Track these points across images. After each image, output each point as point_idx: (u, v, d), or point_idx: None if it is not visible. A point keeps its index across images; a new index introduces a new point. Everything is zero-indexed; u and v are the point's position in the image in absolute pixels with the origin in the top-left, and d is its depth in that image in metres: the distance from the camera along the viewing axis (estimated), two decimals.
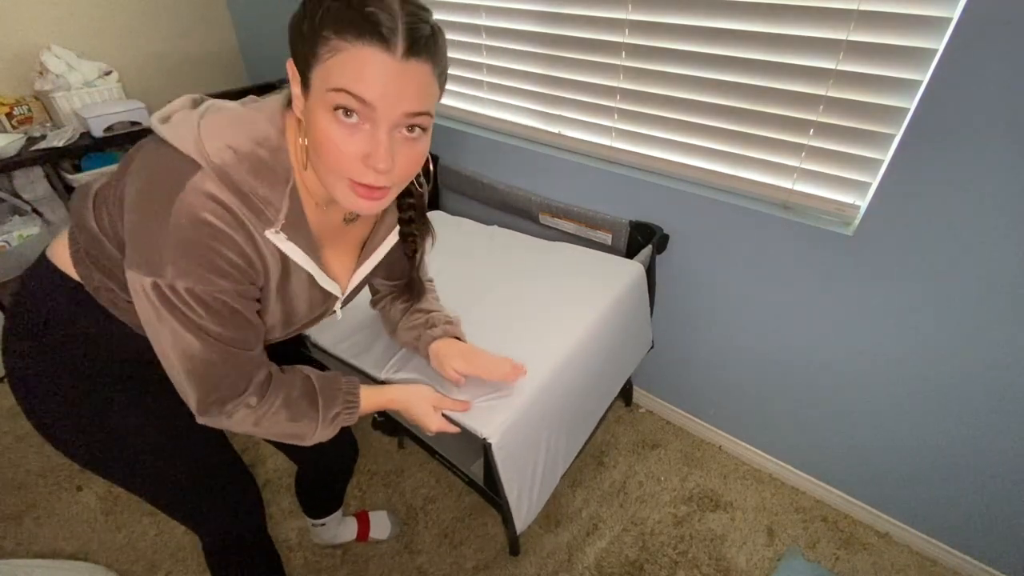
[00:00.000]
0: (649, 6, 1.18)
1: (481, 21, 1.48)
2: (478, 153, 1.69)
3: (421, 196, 0.80)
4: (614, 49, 1.27)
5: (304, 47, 0.54)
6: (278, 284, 0.67)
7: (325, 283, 0.74)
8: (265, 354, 0.72)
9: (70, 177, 1.82)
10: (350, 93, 0.52)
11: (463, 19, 1.52)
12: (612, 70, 1.30)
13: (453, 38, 1.55)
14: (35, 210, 1.81)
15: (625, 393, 1.76)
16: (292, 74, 0.59)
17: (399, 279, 0.97)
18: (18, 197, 1.80)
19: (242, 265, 0.60)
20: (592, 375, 1.21)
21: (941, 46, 0.89)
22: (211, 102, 0.64)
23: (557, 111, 1.47)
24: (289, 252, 0.65)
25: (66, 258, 0.69)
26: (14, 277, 1.71)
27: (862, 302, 1.17)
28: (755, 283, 1.31)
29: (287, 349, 1.01)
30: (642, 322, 1.43)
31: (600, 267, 1.36)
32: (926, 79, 0.92)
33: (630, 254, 1.42)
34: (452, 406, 0.92)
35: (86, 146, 1.81)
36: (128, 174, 0.61)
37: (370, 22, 0.51)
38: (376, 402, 0.86)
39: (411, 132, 0.58)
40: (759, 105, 1.13)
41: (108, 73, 1.95)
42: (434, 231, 0.86)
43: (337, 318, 0.84)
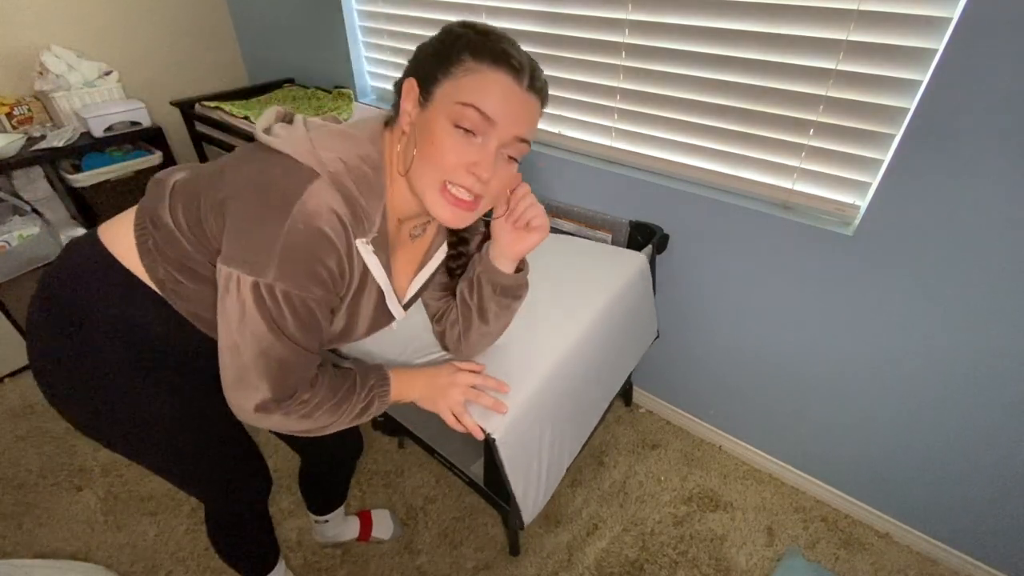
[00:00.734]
0: (649, 6, 1.18)
1: (481, 21, 1.48)
2: None
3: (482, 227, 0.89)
4: (614, 49, 1.27)
5: (435, 65, 0.63)
6: (351, 298, 0.72)
7: (392, 304, 0.78)
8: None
9: (70, 177, 1.82)
10: (477, 108, 0.61)
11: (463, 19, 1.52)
12: (612, 70, 1.30)
13: None
14: (35, 210, 1.81)
15: (625, 393, 1.76)
16: (408, 90, 0.66)
17: (447, 293, 0.97)
18: (18, 197, 1.80)
19: (336, 275, 0.65)
20: (597, 365, 1.20)
21: (941, 46, 0.89)
22: (302, 117, 0.70)
23: (557, 111, 1.47)
24: (371, 266, 0.70)
25: (127, 248, 0.70)
26: (14, 277, 1.71)
27: (862, 302, 1.17)
28: (755, 283, 1.31)
29: None
30: (647, 312, 1.42)
31: (604, 258, 1.35)
32: (926, 79, 0.92)
33: None
34: (489, 403, 0.88)
35: (86, 146, 1.82)
36: (229, 175, 0.64)
37: (506, 54, 0.61)
38: (404, 394, 0.85)
39: (510, 157, 0.66)
40: (759, 105, 1.13)
41: (108, 73, 1.95)
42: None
43: (393, 329, 0.86)
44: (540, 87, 0.65)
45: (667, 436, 1.69)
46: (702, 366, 1.55)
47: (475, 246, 0.90)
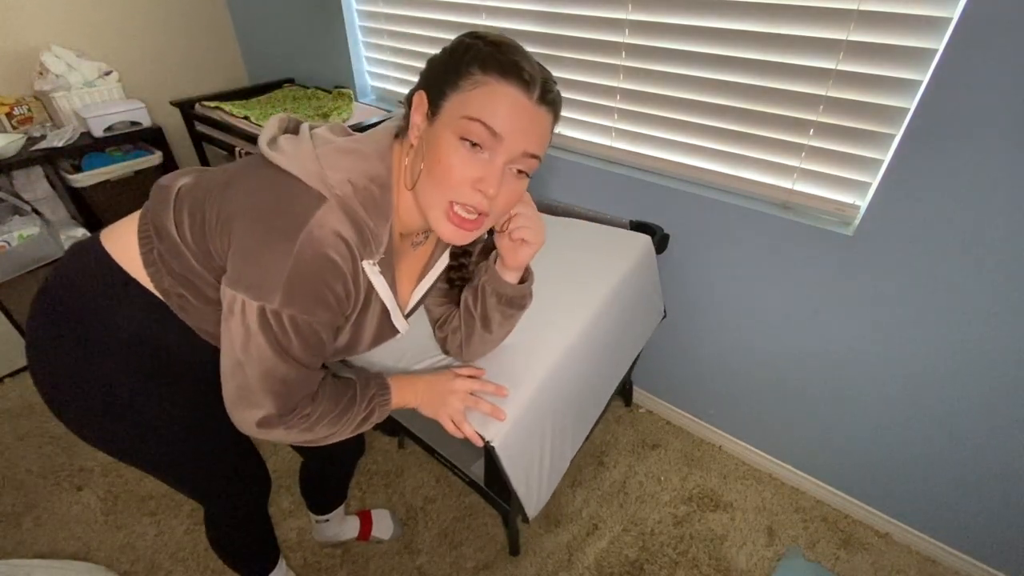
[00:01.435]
0: (649, 6, 1.18)
1: (481, 21, 1.48)
2: None
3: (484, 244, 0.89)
4: (614, 49, 1.27)
5: (444, 78, 0.61)
6: (356, 316, 0.72)
7: (397, 320, 0.78)
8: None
9: (70, 177, 1.82)
10: (483, 123, 0.59)
11: (463, 19, 1.52)
12: (612, 70, 1.30)
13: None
14: (35, 210, 1.81)
15: (625, 393, 1.76)
16: (418, 103, 0.64)
17: (448, 299, 0.96)
18: (18, 197, 1.80)
19: (343, 298, 0.65)
20: (602, 350, 1.19)
21: (941, 46, 0.89)
22: (307, 127, 0.68)
23: None
24: (377, 285, 0.69)
25: (131, 256, 0.70)
26: (14, 277, 1.71)
27: (862, 302, 1.17)
28: (755, 283, 1.31)
29: None
30: (652, 292, 1.40)
31: (609, 241, 1.34)
32: (926, 79, 0.92)
33: None
34: (488, 409, 0.88)
35: (86, 146, 1.82)
36: (235, 192, 0.63)
37: (516, 67, 0.59)
38: (404, 402, 0.85)
39: (519, 172, 0.65)
40: (759, 105, 1.13)
41: (108, 73, 1.95)
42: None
43: (398, 338, 0.86)
44: (552, 100, 0.64)
45: (667, 436, 1.69)
46: (702, 366, 1.55)
47: (477, 256, 0.89)
